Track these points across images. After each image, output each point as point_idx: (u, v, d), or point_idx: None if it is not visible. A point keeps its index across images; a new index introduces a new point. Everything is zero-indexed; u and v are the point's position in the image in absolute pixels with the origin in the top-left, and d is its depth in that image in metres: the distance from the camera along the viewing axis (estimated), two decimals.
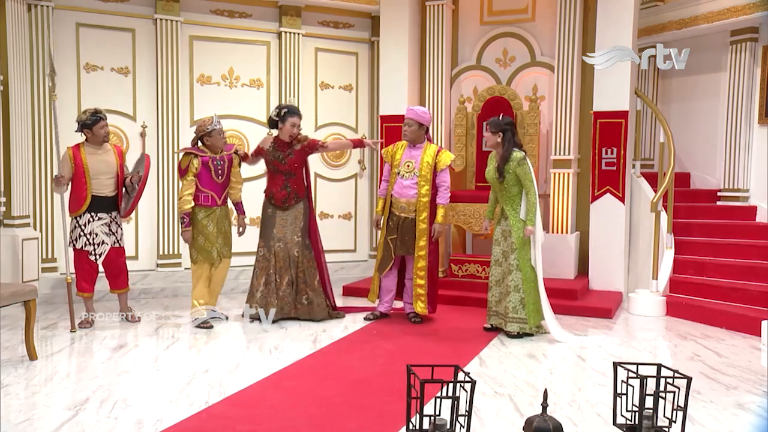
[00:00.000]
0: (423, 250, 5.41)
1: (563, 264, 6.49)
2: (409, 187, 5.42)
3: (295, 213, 5.61)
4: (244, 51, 7.13)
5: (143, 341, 5.00)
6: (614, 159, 6.37)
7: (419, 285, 5.45)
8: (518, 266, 5.04)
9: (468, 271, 6.40)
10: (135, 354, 4.65)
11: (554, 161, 6.65)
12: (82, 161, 5.28)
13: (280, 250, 5.56)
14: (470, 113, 6.98)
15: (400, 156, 5.52)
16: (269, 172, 5.67)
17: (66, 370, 4.28)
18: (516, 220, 5.07)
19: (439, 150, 5.46)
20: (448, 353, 4.69)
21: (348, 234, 7.70)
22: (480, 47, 7.19)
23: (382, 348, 4.81)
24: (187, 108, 6.91)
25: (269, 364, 4.39)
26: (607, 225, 6.41)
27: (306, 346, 4.85)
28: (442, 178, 5.41)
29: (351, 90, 7.69)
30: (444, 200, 5.41)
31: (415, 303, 5.49)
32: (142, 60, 6.69)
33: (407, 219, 5.45)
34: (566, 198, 6.59)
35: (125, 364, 4.38)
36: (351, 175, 7.72)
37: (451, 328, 5.39)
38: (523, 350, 4.76)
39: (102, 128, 5.35)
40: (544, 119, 6.92)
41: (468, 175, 7.01)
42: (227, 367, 4.33)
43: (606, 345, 4.97)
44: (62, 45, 6.38)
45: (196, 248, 5.45)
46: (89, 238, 5.31)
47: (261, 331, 5.27)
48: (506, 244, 5.13)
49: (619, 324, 5.68)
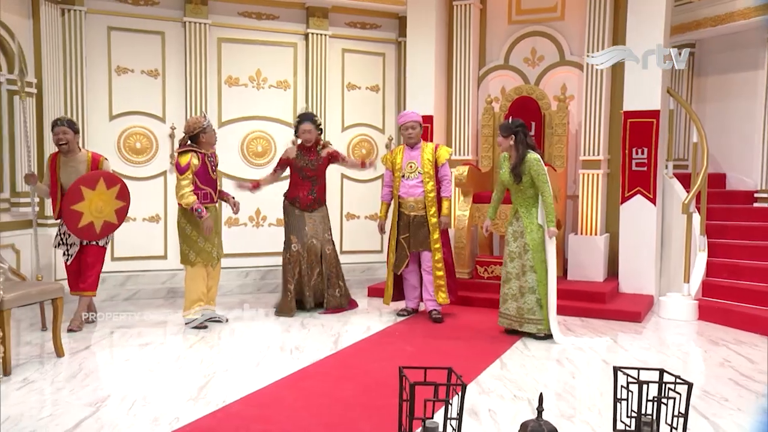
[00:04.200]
0: (438, 242, 5.62)
1: (592, 266, 6.39)
2: (415, 186, 5.63)
3: (322, 213, 6.00)
4: (271, 53, 7.19)
5: (169, 339, 5.07)
6: (645, 159, 6.25)
7: (439, 276, 5.63)
8: (533, 267, 5.00)
9: (494, 272, 6.33)
10: (159, 352, 4.72)
11: (583, 162, 6.56)
12: (55, 169, 5.28)
13: (313, 246, 5.85)
14: (497, 113, 6.92)
15: (401, 159, 5.72)
16: (296, 177, 5.92)
17: (91, 367, 4.36)
18: (530, 221, 5.02)
19: (437, 146, 5.70)
20: (469, 356, 4.65)
21: (374, 234, 7.61)
22: (508, 47, 7.13)
23: (403, 350, 4.79)
24: (215, 109, 6.99)
25: (289, 364, 4.41)
26: (637, 226, 6.28)
27: (327, 346, 4.86)
28: (444, 172, 5.65)
29: (378, 91, 7.69)
30: (448, 193, 5.65)
31: (436, 294, 5.65)
32: (172, 62, 6.80)
33: (417, 216, 5.64)
34: (595, 199, 6.49)
35: (149, 362, 4.45)
36: (377, 175, 7.68)
37: (474, 331, 5.35)
38: (547, 354, 4.70)
39: (56, 135, 5.19)
40: (573, 119, 6.82)
41: (495, 176, 6.91)
42: (247, 367, 4.36)
43: (633, 349, 4.87)
44: (94, 48, 6.52)
45: (195, 250, 5.36)
46: (63, 237, 5.34)
47: (283, 331, 5.30)
48: (516, 245, 5.09)
49: (648, 328, 5.55)
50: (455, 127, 7.12)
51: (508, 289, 5.13)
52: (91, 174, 5.20)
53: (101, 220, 5.20)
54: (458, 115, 7.10)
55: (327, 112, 7.34)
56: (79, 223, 5.11)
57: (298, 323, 5.57)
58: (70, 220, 5.10)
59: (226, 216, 7.03)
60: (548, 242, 4.99)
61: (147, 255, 6.78)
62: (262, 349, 4.81)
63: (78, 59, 6.36)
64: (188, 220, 5.33)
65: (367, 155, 7.63)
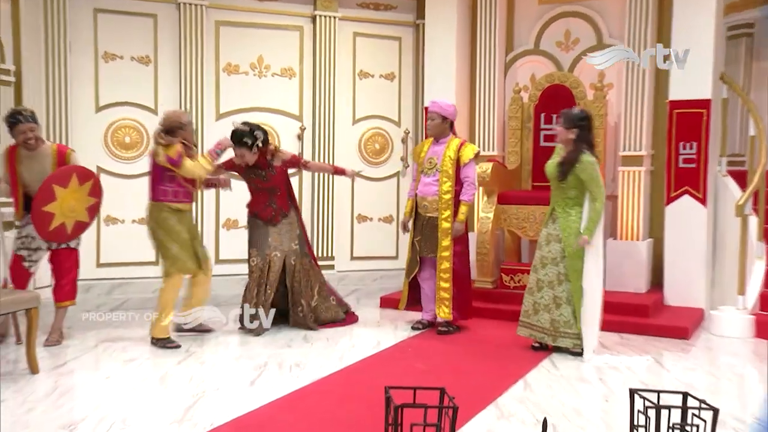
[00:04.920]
0: (446, 250, 5.50)
1: (633, 276, 6.28)
2: (431, 184, 5.57)
3: (289, 221, 5.80)
4: (274, 37, 7.16)
5: (155, 354, 5.04)
6: (694, 155, 6.13)
7: (443, 288, 5.52)
8: (567, 276, 4.93)
9: (521, 281, 6.24)
10: (144, 368, 4.69)
11: (623, 158, 6.46)
12: (14, 165, 5.12)
13: (277, 259, 5.66)
14: (526, 104, 6.84)
15: (425, 153, 5.66)
16: (251, 188, 5.80)
17: (67, 385, 4.33)
18: (567, 224, 4.93)
19: (462, 143, 5.59)
20: (488, 375, 4.58)
21: (389, 239, 7.62)
22: (539, 29, 7.07)
23: (414, 368, 4.73)
24: (212, 100, 6.98)
25: (287, 382, 4.36)
26: (685, 231, 6.15)
27: (331, 363, 4.81)
28: (466, 173, 5.53)
29: (393, 79, 7.63)
30: (467, 196, 5.52)
31: (438, 308, 5.56)
32: (165, 48, 6.79)
33: (431, 218, 5.58)
34: (637, 200, 6.39)
35: (132, 380, 4.42)
36: (392, 173, 7.65)
37: (496, 347, 5.28)
38: (578, 373, 4.61)
39: (22, 134, 4.98)
40: (612, 110, 6.73)
41: (523, 174, 6.85)
42: (241, 385, 4.32)
43: (677, 370, 4.75)
44: (79, 32, 6.53)
45: (170, 258, 5.20)
46: (25, 240, 5.20)
47: (284, 346, 5.26)
48: (548, 250, 5.01)
49: (697, 346, 5.42)
50: (479, 120, 7.05)
51: (540, 298, 5.05)
52: (63, 170, 5.05)
53: (73, 220, 5.08)
54: (482, 106, 7.03)
55: (336, 102, 7.30)
56: (50, 226, 4.94)
57: (301, 337, 5.52)
58: (41, 223, 4.91)
59: (224, 218, 7.01)
60: (590, 248, 4.90)
61: (136, 261, 6.76)
62: (258, 365, 4.76)
63: (61, 44, 6.36)
64: (158, 222, 5.19)
65: (381, 151, 7.56)
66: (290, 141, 7.17)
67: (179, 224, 5.24)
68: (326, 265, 7.23)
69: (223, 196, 6.92)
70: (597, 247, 4.92)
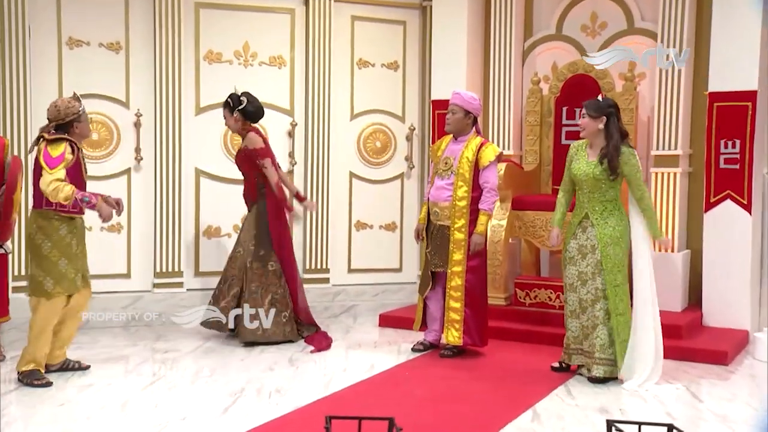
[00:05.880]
0: (458, 265, 5.44)
1: (667, 292, 6.20)
2: (444, 188, 5.52)
3: (250, 217, 6.07)
4: (262, 21, 7.20)
5: (117, 379, 5.07)
6: (737, 155, 6.13)
7: (453, 309, 5.47)
8: (604, 293, 4.92)
9: (538, 298, 6.24)
10: (104, 394, 4.72)
11: (656, 158, 6.48)
12: None
13: (238, 257, 6.00)
14: (546, 96, 6.87)
15: (443, 151, 5.64)
16: None
17: (15, 414, 4.36)
18: (605, 232, 4.93)
19: (483, 143, 5.51)
20: (494, 403, 4.59)
21: (392, 249, 7.64)
22: (561, 12, 7.10)
23: (411, 394, 4.75)
24: (191, 92, 7.03)
25: (265, 410, 4.38)
26: (727, 241, 6.14)
27: (316, 389, 4.84)
28: (486, 177, 5.44)
29: (396, 68, 7.66)
30: (487, 205, 5.44)
31: (446, 331, 5.51)
32: (137, 34, 6.83)
33: (442, 227, 5.54)
34: (672, 206, 6.39)
35: (89, 407, 4.44)
36: (396, 175, 7.67)
37: (506, 371, 5.29)
38: (595, 403, 4.59)
39: None
40: (644, 103, 6.74)
41: (543, 176, 6.86)
42: (212, 414, 4.34)
43: (711, 400, 4.73)
44: (40, 15, 6.56)
45: (55, 276, 4.82)
46: None
47: (265, 369, 5.29)
48: (585, 264, 4.98)
49: (738, 373, 5.40)
50: (492, 114, 7.08)
51: (587, 321, 5.03)
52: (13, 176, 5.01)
53: None
54: (497, 99, 7.05)
55: (331, 95, 7.33)
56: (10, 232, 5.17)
57: (286, 359, 5.54)
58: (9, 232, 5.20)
59: (205, 225, 7.04)
60: (638, 258, 4.92)
61: (105, 273, 6.76)
62: (234, 391, 4.78)
63: (20, 29, 6.39)
64: (45, 234, 4.83)
65: (383, 150, 7.58)
66: (280, 139, 7.20)
67: (70, 237, 4.95)
68: (320, 279, 7.30)
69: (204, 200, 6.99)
70: (646, 257, 4.94)
